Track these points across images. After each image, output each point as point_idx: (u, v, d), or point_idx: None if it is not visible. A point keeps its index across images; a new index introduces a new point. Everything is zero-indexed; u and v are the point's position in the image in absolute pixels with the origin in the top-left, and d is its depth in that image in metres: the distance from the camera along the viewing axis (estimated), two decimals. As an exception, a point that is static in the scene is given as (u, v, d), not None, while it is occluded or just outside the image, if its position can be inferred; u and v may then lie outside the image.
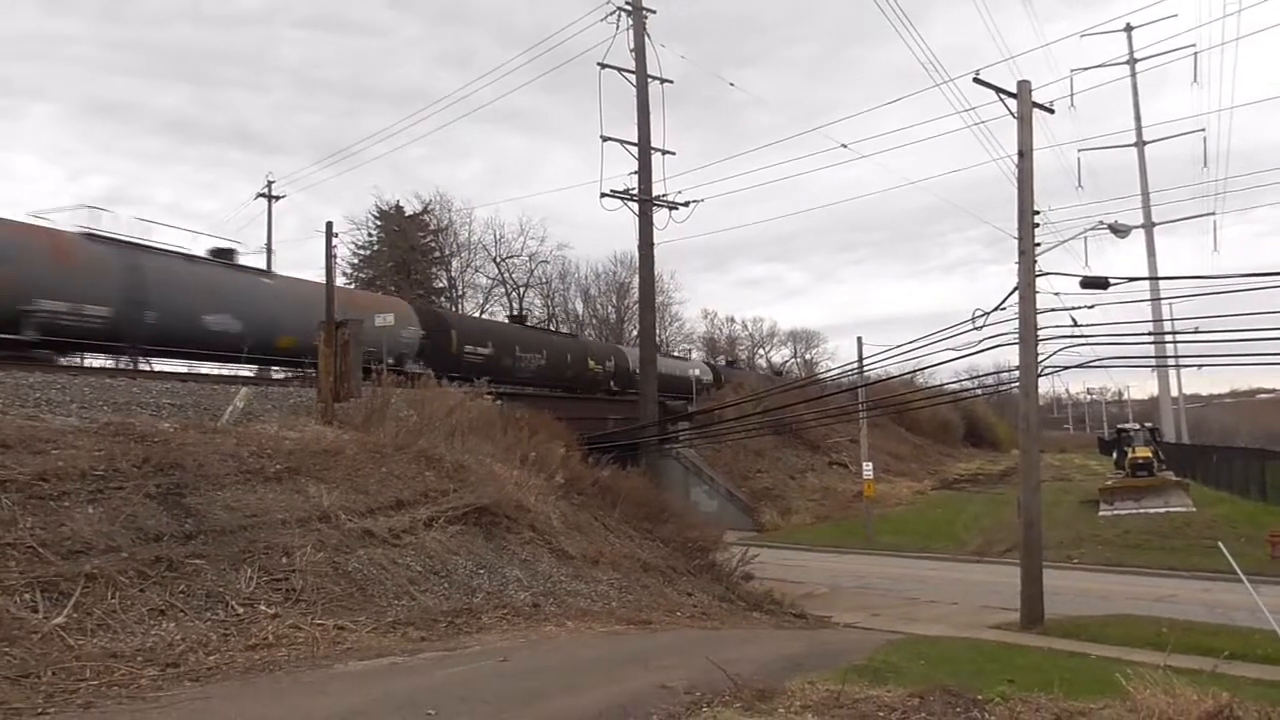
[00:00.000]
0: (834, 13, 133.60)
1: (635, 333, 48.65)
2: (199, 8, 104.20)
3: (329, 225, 18.03)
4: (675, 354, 57.66)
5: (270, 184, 46.64)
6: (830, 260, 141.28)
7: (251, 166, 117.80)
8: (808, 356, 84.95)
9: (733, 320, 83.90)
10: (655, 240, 29.30)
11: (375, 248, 56.16)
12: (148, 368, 19.76)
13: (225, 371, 21.35)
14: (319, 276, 23.50)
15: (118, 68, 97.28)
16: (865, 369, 31.45)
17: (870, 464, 34.25)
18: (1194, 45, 48.31)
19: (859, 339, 32.03)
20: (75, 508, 9.59)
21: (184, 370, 20.54)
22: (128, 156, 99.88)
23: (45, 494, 9.55)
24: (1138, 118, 47.52)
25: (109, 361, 19.36)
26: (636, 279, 37.22)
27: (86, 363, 19.10)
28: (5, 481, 9.44)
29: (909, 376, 41.59)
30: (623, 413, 33.61)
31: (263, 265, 40.30)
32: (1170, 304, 30.12)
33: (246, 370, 22.27)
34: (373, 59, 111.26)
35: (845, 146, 31.34)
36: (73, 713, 6.36)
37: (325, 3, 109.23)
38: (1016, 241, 17.74)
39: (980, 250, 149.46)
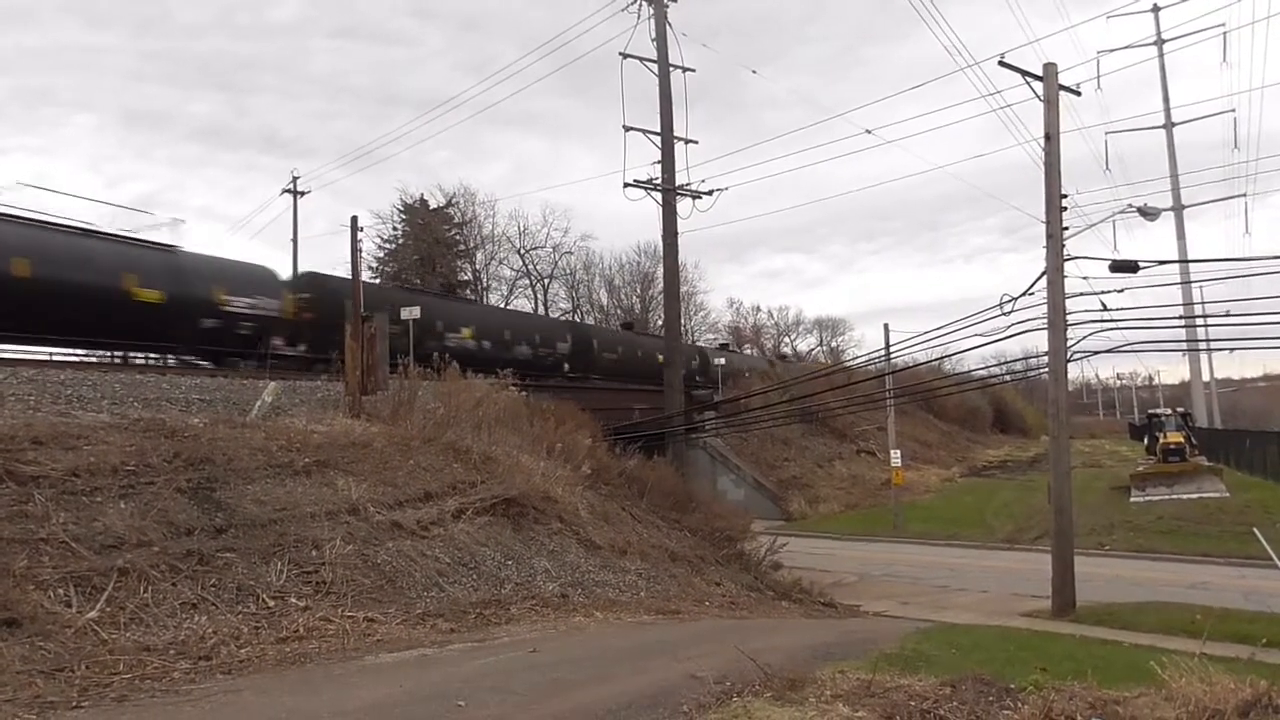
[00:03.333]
0: (846, 14, 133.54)
1: (660, 322, 48.56)
2: (232, 19, 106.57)
3: (354, 220, 18.10)
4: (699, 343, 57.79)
5: (295, 179, 46.88)
6: (849, 250, 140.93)
7: (281, 171, 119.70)
8: (834, 344, 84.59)
9: (758, 309, 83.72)
10: (679, 230, 29.15)
11: (400, 241, 56.37)
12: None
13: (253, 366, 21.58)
14: (345, 271, 24.56)
15: (154, 78, 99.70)
16: (892, 356, 31.23)
17: (898, 451, 34.09)
18: (1223, 25, 47.44)
19: (885, 326, 31.80)
20: (107, 503, 9.69)
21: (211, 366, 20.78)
22: (162, 163, 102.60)
23: (78, 489, 9.66)
24: (1166, 99, 46.84)
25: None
26: (660, 269, 37.16)
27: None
28: (39, 477, 9.55)
29: (936, 363, 41.32)
30: (648, 402, 33.59)
31: (288, 260, 41.18)
32: (1201, 287, 29.66)
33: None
34: (399, 67, 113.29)
35: (870, 132, 31.02)
36: (106, 706, 6.42)
37: (353, 14, 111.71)
38: (1040, 227, 17.56)
39: (998, 239, 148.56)
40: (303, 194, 46.94)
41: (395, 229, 56.62)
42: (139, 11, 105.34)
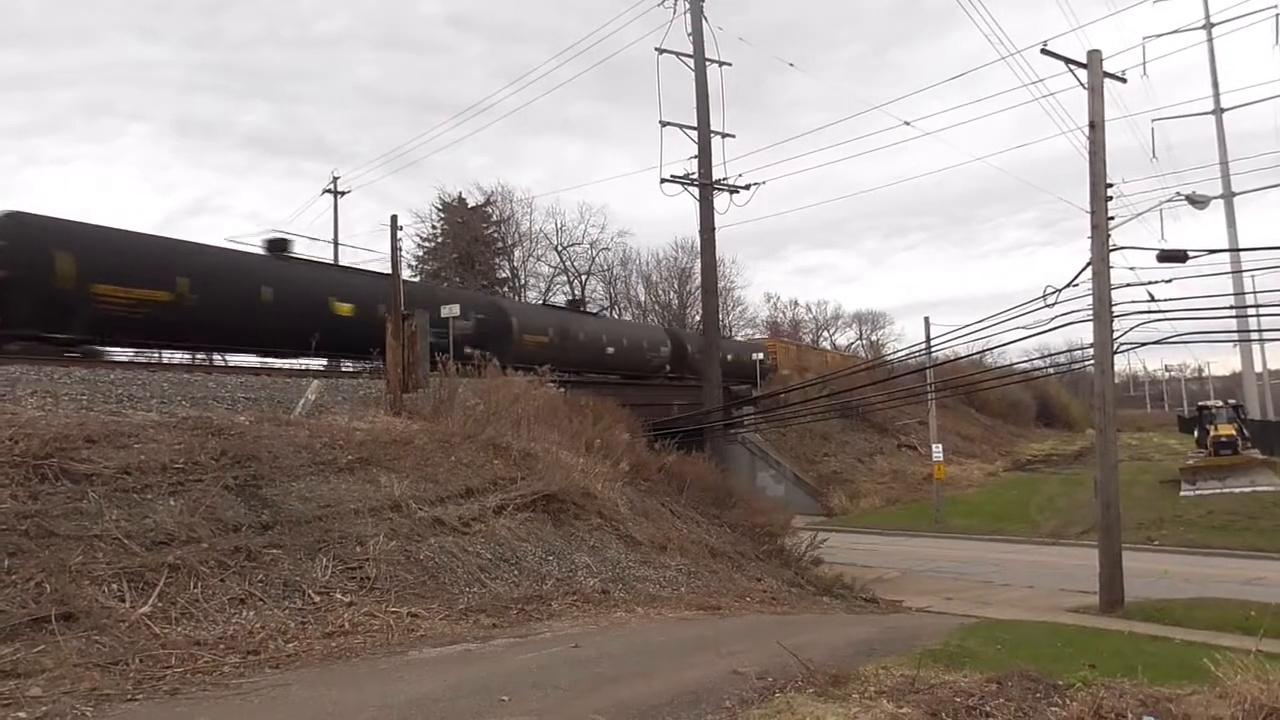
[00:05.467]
0: (872, 18, 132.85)
1: (698, 318, 48.48)
2: (280, 33, 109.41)
3: (394, 218, 18.24)
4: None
5: (335, 179, 47.46)
6: (884, 246, 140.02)
7: (326, 175, 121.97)
8: (874, 338, 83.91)
9: (796, 303, 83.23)
10: (716, 225, 29.11)
11: (439, 240, 56.83)
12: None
13: (297, 365, 21.86)
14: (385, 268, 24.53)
15: (206, 89, 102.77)
16: (933, 349, 30.93)
17: (940, 446, 33.77)
18: (1275, 6, 46.27)
19: (926, 319, 31.62)
20: (157, 500, 9.87)
21: (257, 364, 21.05)
22: (213, 170, 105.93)
23: (129, 487, 9.85)
24: (1215, 84, 45.79)
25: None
26: (698, 264, 37.12)
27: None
28: (92, 475, 9.76)
29: (978, 356, 40.84)
30: (686, 398, 33.58)
31: (329, 258, 41.62)
32: (1253, 276, 28.99)
33: (317, 364, 22.72)
34: (439, 75, 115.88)
35: (909, 124, 30.85)
36: (160, 699, 6.54)
37: (394, 26, 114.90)
38: (1080, 220, 17.28)
39: (1034, 234, 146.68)
40: (343, 193, 47.53)
41: (434, 227, 57.15)
42: (192, 26, 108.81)
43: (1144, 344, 18.94)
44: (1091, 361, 18.45)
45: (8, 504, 8.75)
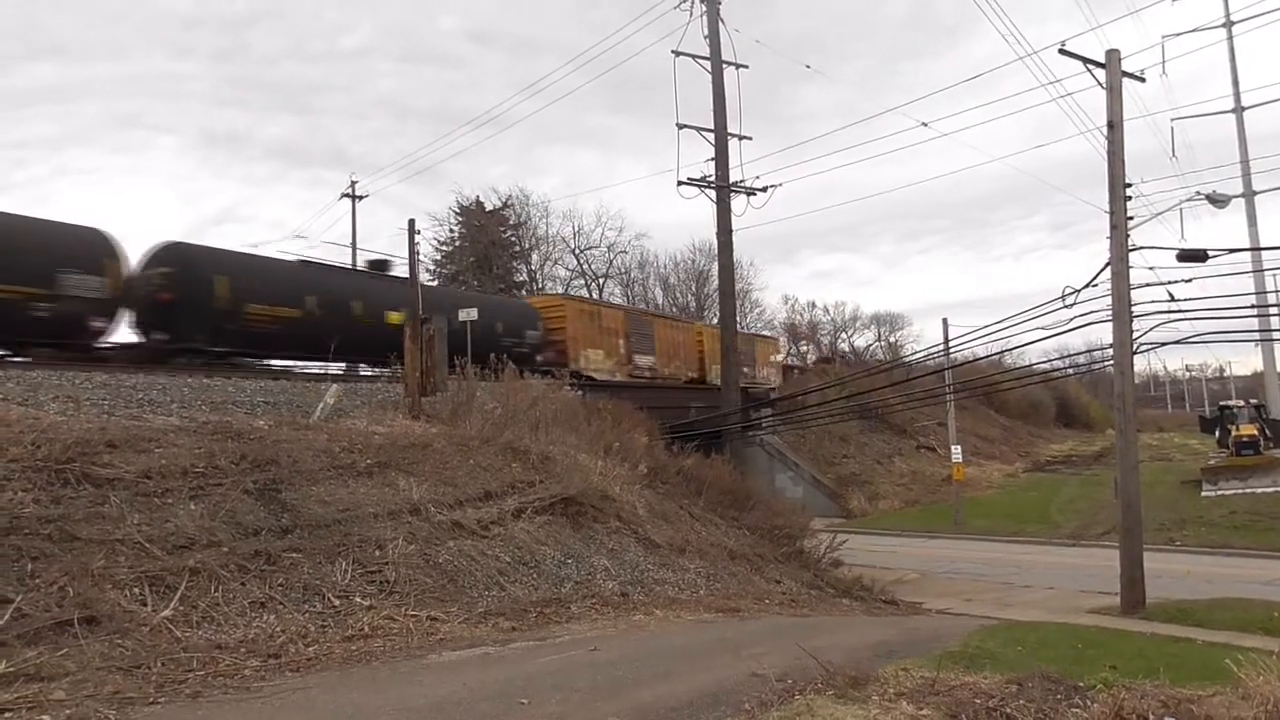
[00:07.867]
0: (885, 28, 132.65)
1: (715, 320, 48.43)
2: (305, 48, 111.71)
3: (411, 222, 18.35)
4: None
5: (354, 183, 47.73)
6: (898, 250, 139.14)
7: (346, 184, 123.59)
8: (892, 340, 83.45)
9: (814, 305, 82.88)
10: (733, 227, 29.10)
11: (456, 243, 57.03)
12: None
13: (315, 369, 21.95)
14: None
15: (232, 102, 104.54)
16: (952, 350, 30.78)
17: (959, 447, 33.56)
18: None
19: (944, 320, 31.34)
20: (178, 504, 9.95)
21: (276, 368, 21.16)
22: (238, 181, 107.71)
23: (150, 491, 9.94)
24: (1235, 82, 45.20)
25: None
26: (715, 266, 37.03)
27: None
28: (113, 480, 9.85)
29: (997, 357, 40.61)
30: (704, 400, 33.58)
31: (348, 262, 41.62)
32: (1274, 275, 28.67)
33: (335, 368, 22.81)
34: (458, 87, 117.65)
35: (925, 124, 30.79)
36: (182, 702, 6.60)
37: (415, 41, 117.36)
38: (1092, 223, 17.79)
39: (1046, 236, 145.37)
40: (361, 198, 47.80)
41: (452, 231, 57.37)
42: (219, 42, 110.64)
43: (1164, 344, 18.79)
44: (1111, 362, 18.30)
45: (30, 508, 8.84)
